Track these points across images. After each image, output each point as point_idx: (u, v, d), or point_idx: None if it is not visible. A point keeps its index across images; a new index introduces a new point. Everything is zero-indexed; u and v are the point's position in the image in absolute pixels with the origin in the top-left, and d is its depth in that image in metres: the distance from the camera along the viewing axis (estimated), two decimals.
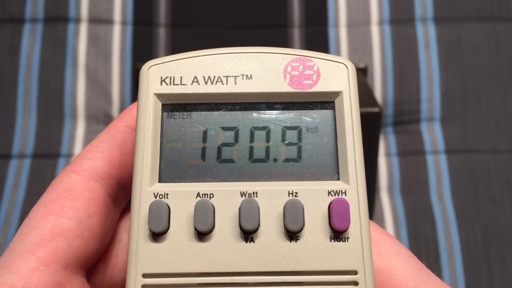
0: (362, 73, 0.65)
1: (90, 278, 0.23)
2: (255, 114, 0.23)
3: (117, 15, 0.68)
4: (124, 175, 0.24)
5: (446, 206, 0.61)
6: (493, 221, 0.60)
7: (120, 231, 0.24)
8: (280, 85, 0.23)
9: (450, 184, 0.62)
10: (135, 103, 0.24)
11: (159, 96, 0.23)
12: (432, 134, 0.65)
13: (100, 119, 0.66)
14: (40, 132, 0.65)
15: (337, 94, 0.23)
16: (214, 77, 0.23)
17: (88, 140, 0.65)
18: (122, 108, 0.66)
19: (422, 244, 0.59)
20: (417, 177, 0.63)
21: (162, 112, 0.23)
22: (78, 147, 0.64)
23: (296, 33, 0.68)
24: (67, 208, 0.21)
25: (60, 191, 0.22)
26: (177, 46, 0.67)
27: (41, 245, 0.21)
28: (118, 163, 0.23)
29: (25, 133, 0.65)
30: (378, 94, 0.66)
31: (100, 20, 0.68)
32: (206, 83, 0.23)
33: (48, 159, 0.64)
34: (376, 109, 0.51)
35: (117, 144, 0.24)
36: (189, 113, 0.23)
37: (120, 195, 0.24)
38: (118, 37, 0.67)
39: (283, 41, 0.68)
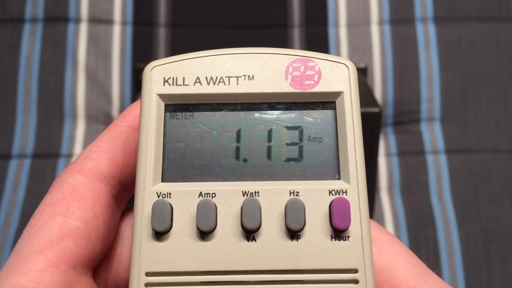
0: (362, 73, 0.65)
1: (96, 277, 0.23)
2: (257, 114, 0.23)
3: (117, 15, 0.68)
4: (127, 176, 0.24)
5: (446, 206, 0.61)
6: (493, 221, 0.60)
7: (123, 229, 0.24)
8: (282, 86, 0.23)
9: (450, 184, 0.62)
10: (137, 102, 0.24)
11: (162, 96, 0.23)
12: (432, 134, 0.65)
13: (100, 119, 0.66)
14: (40, 132, 0.65)
15: (338, 94, 0.23)
16: (216, 77, 0.23)
17: (88, 140, 0.65)
18: (122, 108, 0.66)
19: (422, 244, 0.59)
20: (417, 177, 0.63)
21: (165, 113, 0.23)
22: (78, 147, 0.64)
23: (296, 33, 0.68)
24: (73, 209, 0.22)
25: (65, 191, 0.22)
26: (177, 46, 0.67)
27: (50, 246, 0.21)
28: (121, 163, 0.23)
29: (25, 133, 0.65)
30: (378, 94, 0.66)
31: (100, 20, 0.68)
32: (208, 83, 0.23)
33: (48, 159, 0.64)
34: (376, 109, 0.51)
35: (120, 145, 0.24)
36: (191, 113, 0.23)
37: (122, 195, 0.24)
38: (118, 37, 0.67)
39: (283, 41, 0.68)
